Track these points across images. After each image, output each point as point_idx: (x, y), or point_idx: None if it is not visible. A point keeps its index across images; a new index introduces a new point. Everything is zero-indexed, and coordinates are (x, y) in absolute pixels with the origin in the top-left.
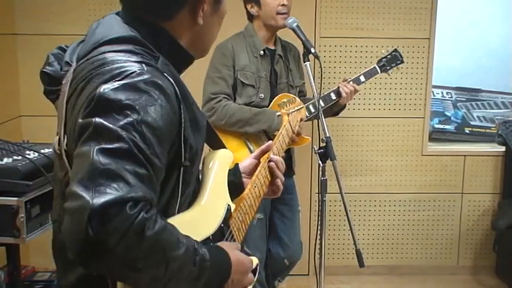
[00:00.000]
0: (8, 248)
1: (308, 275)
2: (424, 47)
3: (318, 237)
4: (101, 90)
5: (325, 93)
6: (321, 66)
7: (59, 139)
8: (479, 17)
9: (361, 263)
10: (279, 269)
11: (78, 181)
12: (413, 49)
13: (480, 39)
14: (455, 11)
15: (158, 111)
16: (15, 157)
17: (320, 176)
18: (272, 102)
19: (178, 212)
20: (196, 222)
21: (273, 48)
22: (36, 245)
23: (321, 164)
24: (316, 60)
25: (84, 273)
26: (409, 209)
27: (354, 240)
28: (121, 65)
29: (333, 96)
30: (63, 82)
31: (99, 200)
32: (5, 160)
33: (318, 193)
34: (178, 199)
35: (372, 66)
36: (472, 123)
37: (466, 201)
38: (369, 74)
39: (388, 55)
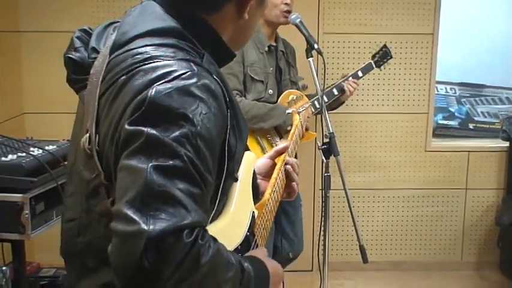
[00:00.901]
0: (13, 244)
1: (312, 270)
2: (427, 42)
3: (322, 233)
4: (152, 93)
5: (327, 89)
6: (324, 62)
7: (89, 137)
8: (482, 13)
9: (364, 259)
10: (283, 262)
11: (129, 202)
12: (416, 45)
13: (483, 34)
14: (459, 7)
15: (212, 120)
16: (19, 154)
17: (323, 172)
18: (280, 99)
19: (211, 221)
20: (227, 231)
21: (275, 44)
22: (41, 241)
23: (325, 160)
24: (319, 56)
25: (104, 282)
26: (412, 205)
27: (358, 236)
28: (167, 62)
29: (335, 92)
30: (92, 72)
31: (156, 227)
32: (10, 157)
33: (322, 189)
34: (214, 208)
35: (367, 62)
36: (476, 118)
37: (470, 197)
38: (366, 70)
39: (379, 51)
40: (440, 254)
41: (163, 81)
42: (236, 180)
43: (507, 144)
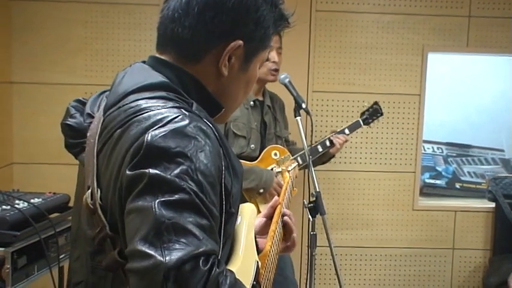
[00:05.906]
0: None
1: None
2: (414, 102)
3: None
4: (149, 138)
5: (312, 146)
6: (311, 122)
7: (92, 193)
8: (470, 73)
9: None
10: None
11: (142, 239)
12: (404, 105)
13: (471, 95)
14: (446, 67)
15: (208, 157)
16: (4, 207)
17: (310, 230)
18: (263, 154)
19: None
20: (241, 274)
21: (261, 99)
22: None
23: (311, 219)
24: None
25: None
26: (399, 263)
27: None
28: (159, 111)
29: (320, 149)
30: (88, 134)
31: (172, 257)
32: None
33: (308, 247)
34: (220, 251)
35: (355, 120)
36: (462, 178)
37: (457, 257)
38: (353, 127)
39: (369, 108)
40: None
41: (157, 126)
42: (233, 216)
43: (493, 204)
